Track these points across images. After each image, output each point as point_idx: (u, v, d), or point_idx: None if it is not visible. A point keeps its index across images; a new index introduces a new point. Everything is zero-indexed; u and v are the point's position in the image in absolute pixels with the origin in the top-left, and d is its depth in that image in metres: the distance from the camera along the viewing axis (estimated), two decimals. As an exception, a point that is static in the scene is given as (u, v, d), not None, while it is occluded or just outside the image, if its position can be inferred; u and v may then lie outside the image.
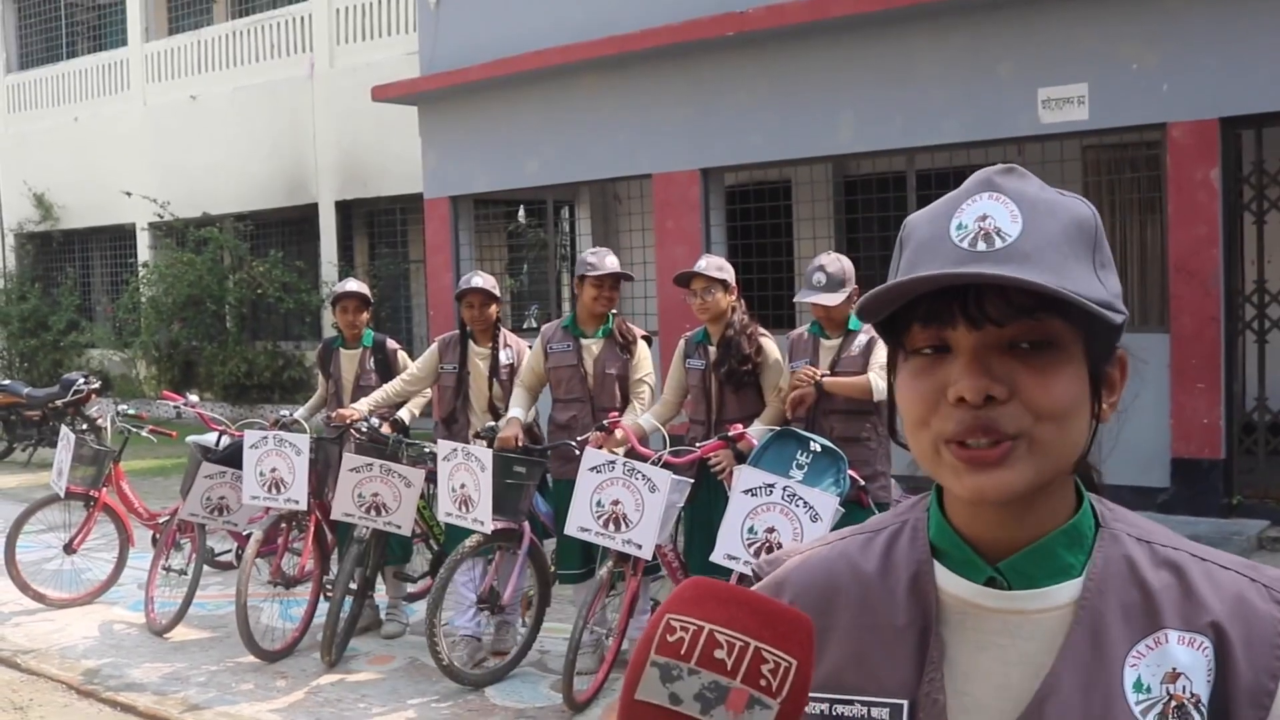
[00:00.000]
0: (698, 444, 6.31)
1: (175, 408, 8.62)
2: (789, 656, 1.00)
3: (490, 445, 6.63)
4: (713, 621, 1.01)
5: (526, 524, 6.58)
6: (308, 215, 18.72)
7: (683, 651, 1.00)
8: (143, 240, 20.87)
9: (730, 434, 6.04)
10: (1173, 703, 1.15)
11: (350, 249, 18.54)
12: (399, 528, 6.88)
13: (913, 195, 10.68)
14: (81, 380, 13.71)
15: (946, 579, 1.24)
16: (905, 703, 1.19)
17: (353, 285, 7.85)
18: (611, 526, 5.91)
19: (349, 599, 7.09)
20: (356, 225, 18.71)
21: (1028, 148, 10.52)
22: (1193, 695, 1.15)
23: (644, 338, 6.91)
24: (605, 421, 6.34)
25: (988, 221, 1.15)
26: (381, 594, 7.81)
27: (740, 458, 6.00)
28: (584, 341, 6.86)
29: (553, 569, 6.89)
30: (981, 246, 1.14)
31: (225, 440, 7.96)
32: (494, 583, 6.69)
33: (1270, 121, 9.33)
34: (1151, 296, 10.96)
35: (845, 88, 10.98)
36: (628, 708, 1.01)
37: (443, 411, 7.36)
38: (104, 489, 8.40)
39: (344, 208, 18.35)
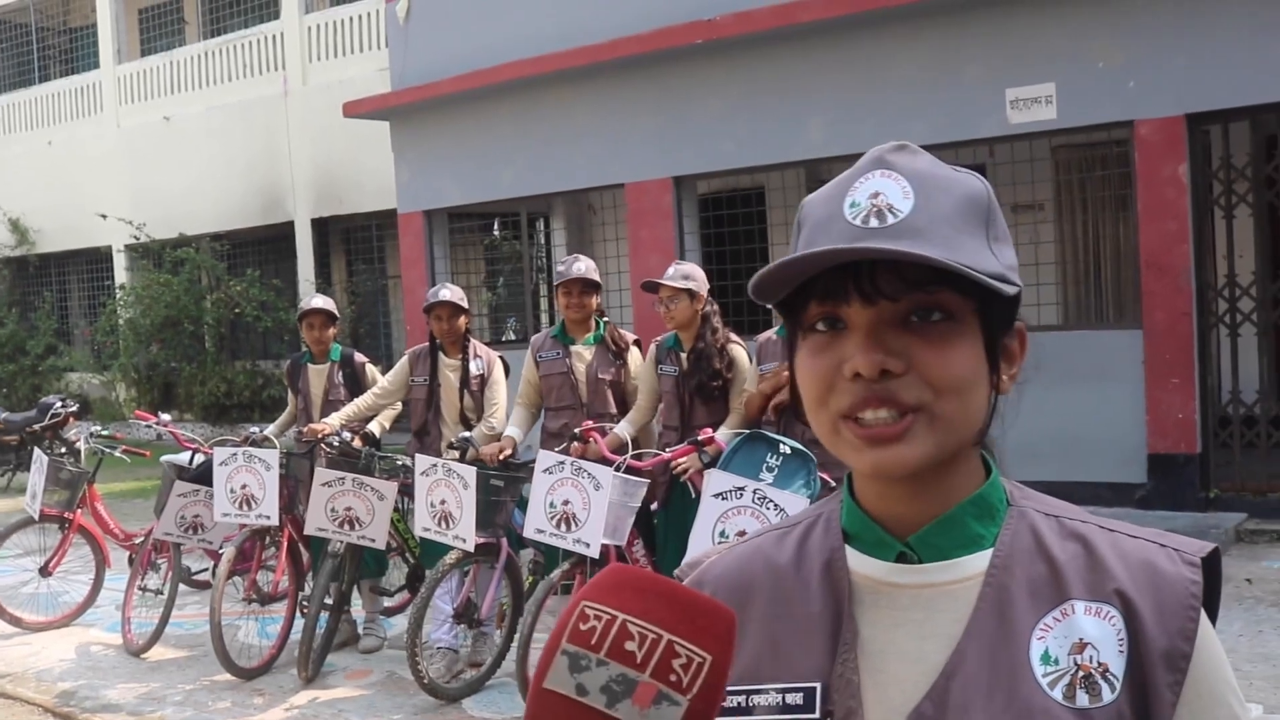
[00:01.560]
0: (669, 449, 6.31)
1: (149, 426, 8.57)
2: (703, 652, 0.98)
3: (463, 456, 6.62)
4: (627, 611, 0.99)
5: (504, 538, 6.57)
6: (284, 233, 18.69)
7: (593, 641, 0.98)
8: (119, 262, 20.82)
9: (699, 438, 6.04)
10: (1080, 673, 1.15)
11: (328, 266, 18.52)
12: (373, 541, 6.85)
13: (884, 198, 10.66)
14: (59, 404, 13.59)
15: (859, 561, 1.25)
16: (819, 685, 1.19)
17: (318, 301, 7.86)
18: (563, 526, 5.93)
19: (325, 614, 7.06)
20: (333, 242, 18.69)
21: (998, 148, 10.56)
22: (1100, 665, 1.15)
23: (636, 343, 6.92)
24: (578, 431, 6.35)
25: (880, 198, 1.16)
26: (358, 609, 7.78)
27: (710, 462, 6.00)
28: (574, 349, 6.90)
29: (531, 579, 6.88)
30: (874, 223, 1.15)
31: (199, 459, 7.93)
32: (471, 595, 6.68)
33: (1236, 116, 9.38)
34: (1124, 293, 10.99)
35: (815, 92, 11.00)
36: (536, 696, 0.99)
37: (415, 424, 7.36)
38: (79, 511, 8.36)
39: (320, 225, 18.33)
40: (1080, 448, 9.73)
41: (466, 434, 6.86)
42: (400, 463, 7.11)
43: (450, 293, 7.26)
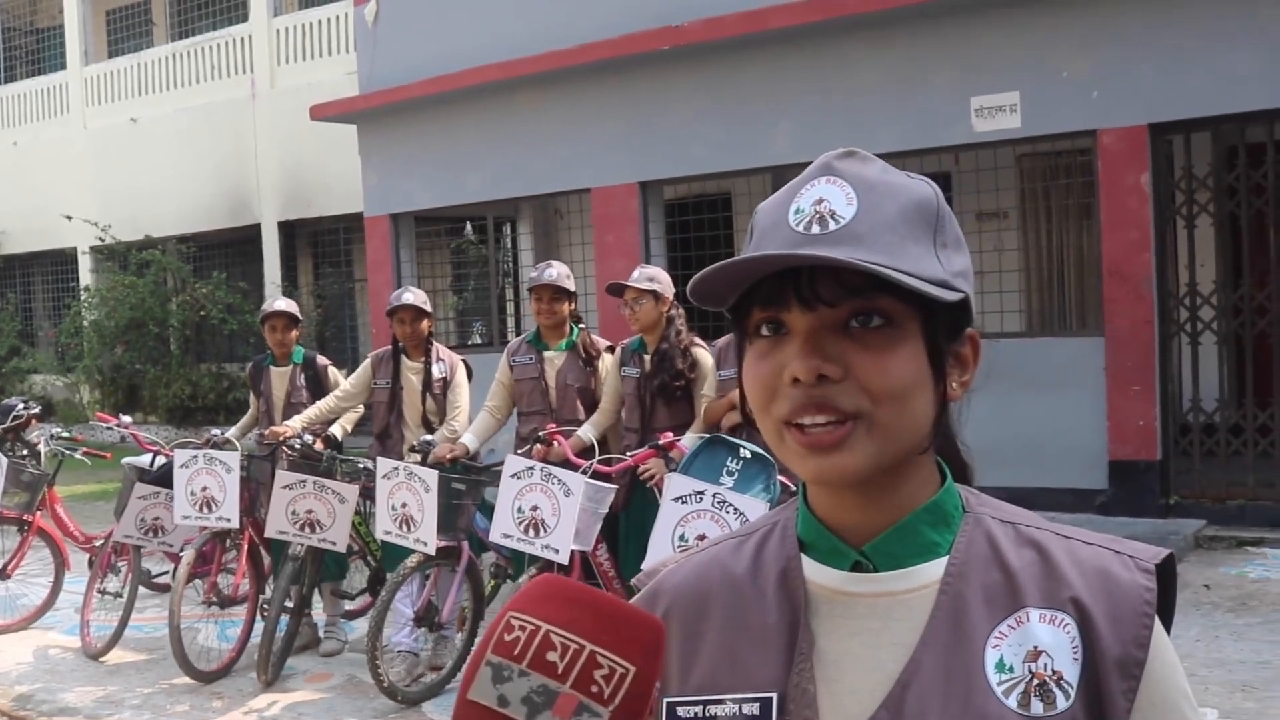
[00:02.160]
0: (630, 452, 6.31)
1: (110, 429, 8.52)
2: (626, 663, 0.98)
3: (425, 459, 6.61)
4: (551, 622, 0.99)
5: (465, 541, 6.56)
6: (251, 236, 18.63)
7: (516, 652, 0.98)
8: (85, 264, 20.71)
9: (661, 442, 6.05)
10: (1035, 681, 1.15)
11: (294, 269, 18.46)
12: (334, 544, 6.83)
13: (850, 205, 10.70)
14: (21, 405, 13.51)
15: (815, 571, 1.25)
16: (775, 696, 1.19)
17: (280, 304, 7.85)
18: (531, 532, 5.92)
19: (285, 617, 7.04)
20: (300, 245, 18.63)
21: (963, 156, 10.61)
22: (1055, 672, 1.15)
23: (609, 349, 6.92)
24: (543, 434, 6.35)
25: (823, 205, 1.17)
26: (319, 612, 7.75)
27: (671, 466, 6.00)
28: (546, 354, 6.91)
29: (493, 582, 6.87)
30: (816, 230, 1.15)
31: (160, 461, 7.89)
32: (432, 599, 6.67)
33: (1199, 127, 9.46)
34: (1087, 301, 11.05)
35: (782, 99, 11.03)
36: (460, 707, 0.99)
37: (377, 427, 7.35)
38: (38, 513, 8.31)
39: (287, 228, 18.28)
40: (1042, 454, 9.78)
41: (428, 437, 6.85)
42: (362, 466, 7.09)
43: (413, 296, 7.26)
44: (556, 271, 6.84)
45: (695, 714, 1.21)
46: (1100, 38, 9.53)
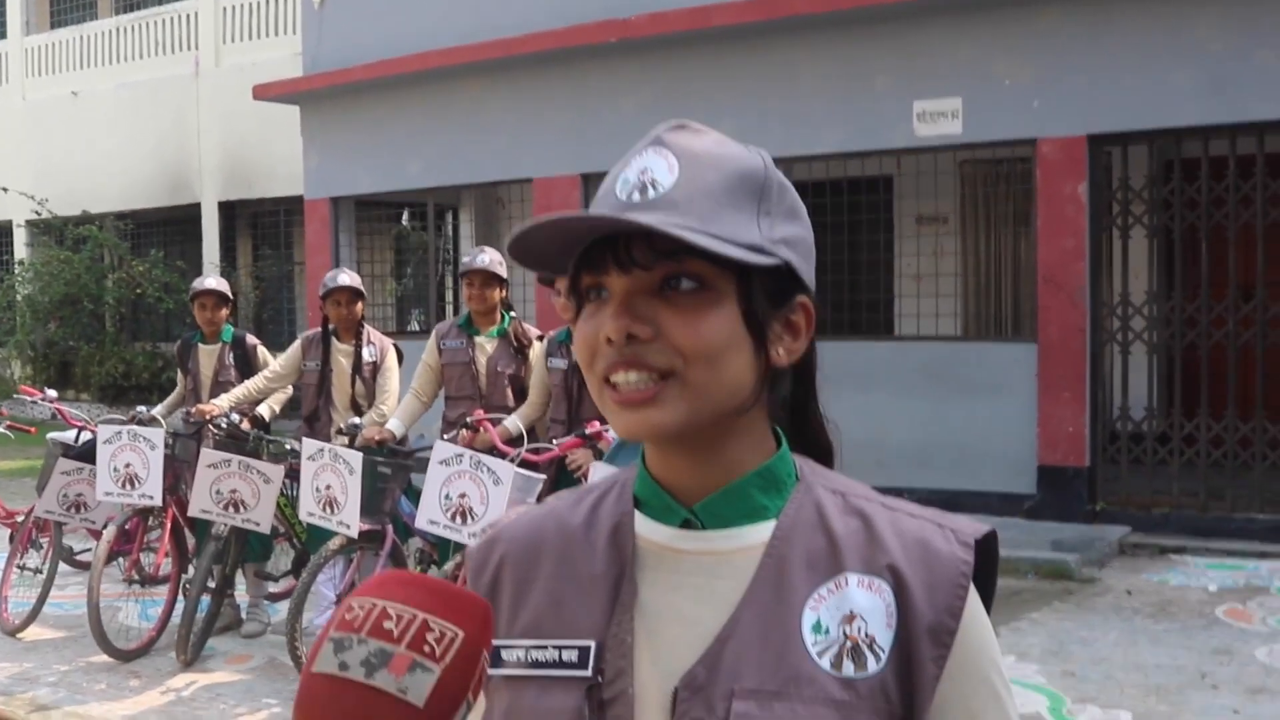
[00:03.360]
0: (556, 442, 6.30)
1: (34, 402, 8.41)
2: (456, 628, 1.04)
3: (352, 442, 6.57)
4: (388, 599, 1.05)
5: (389, 525, 6.53)
6: (190, 215, 18.45)
7: (356, 625, 1.03)
8: (19, 237, 20.44)
9: (588, 431, 6.04)
10: (848, 644, 1.18)
11: (233, 250, 18.31)
12: (258, 525, 6.78)
13: (791, 204, 10.74)
14: (-52, 378, 13.37)
15: (646, 526, 1.28)
16: (593, 644, 1.22)
17: (210, 282, 7.79)
18: (459, 520, 5.90)
19: (207, 597, 6.98)
20: (240, 226, 18.48)
21: (904, 160, 10.68)
22: (868, 636, 1.18)
23: (540, 339, 6.91)
24: (470, 420, 6.33)
25: (646, 174, 1.21)
26: (243, 593, 7.69)
27: (599, 455, 6.00)
28: (477, 340, 6.89)
29: (419, 568, 6.84)
30: (636, 198, 1.20)
31: (85, 437, 7.80)
32: (355, 581, 6.63)
33: (1136, 140, 9.57)
34: (1022, 308, 11.16)
35: (725, 97, 11.05)
36: (304, 681, 1.04)
37: (305, 409, 7.30)
38: (-42, 486, 8.19)
39: (227, 208, 18.13)
40: (972, 457, 9.87)
41: (356, 420, 6.81)
42: (288, 446, 7.03)
43: (349, 278, 7.23)
44: (489, 257, 6.84)
45: (519, 657, 1.25)
46: (1042, 47, 9.62)
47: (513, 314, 7.00)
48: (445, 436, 6.28)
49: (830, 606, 1.20)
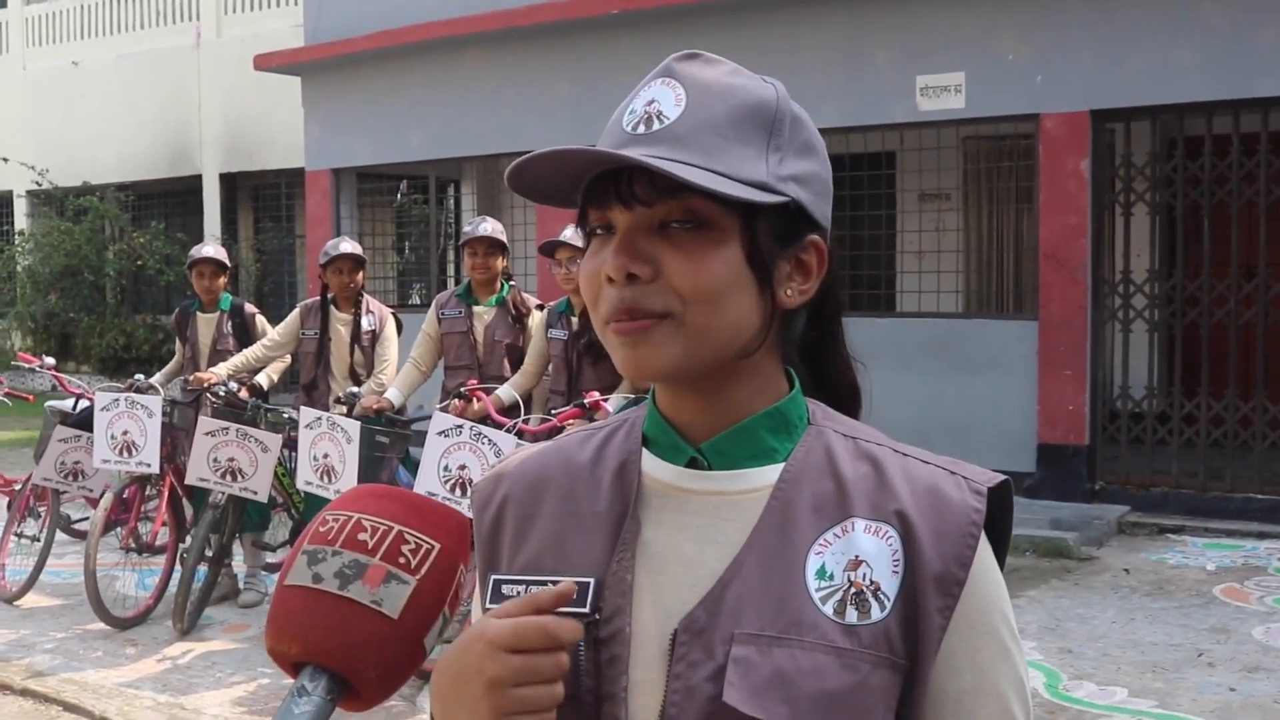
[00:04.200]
0: (555, 413, 6.28)
1: (33, 369, 8.40)
2: (432, 540, 1.04)
3: (350, 411, 6.56)
4: (364, 512, 1.05)
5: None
6: (191, 187, 18.39)
7: (330, 538, 1.03)
8: (20, 208, 20.37)
9: (586, 401, 6.02)
10: (852, 590, 1.15)
11: (234, 222, 18.26)
12: (255, 494, 6.77)
13: (793, 179, 10.71)
14: (-52, 348, 13.36)
15: (652, 465, 1.25)
16: (592, 581, 1.19)
17: (208, 250, 7.78)
18: (458, 491, 5.87)
19: (203, 566, 6.97)
20: (241, 198, 18.43)
21: (907, 135, 10.63)
22: (873, 583, 1.16)
23: (539, 308, 6.90)
24: (463, 389, 6.30)
25: (653, 106, 1.18)
26: (240, 563, 7.69)
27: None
28: (476, 309, 6.88)
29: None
30: (641, 130, 1.17)
31: (83, 404, 7.79)
32: (352, 551, 6.61)
33: (1139, 116, 9.52)
34: (1024, 285, 11.13)
35: (729, 69, 10.97)
36: (277, 594, 1.04)
37: (304, 378, 7.30)
38: (-44, 453, 8.18)
39: (229, 180, 18.06)
40: (972, 434, 9.85)
41: (355, 389, 6.80)
42: (286, 415, 7.03)
43: (351, 245, 7.23)
44: (491, 226, 6.84)
45: (518, 593, 1.21)
46: (1046, 22, 9.57)
47: (512, 283, 6.98)
48: (440, 406, 6.25)
49: (836, 551, 1.17)
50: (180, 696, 5.96)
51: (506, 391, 6.43)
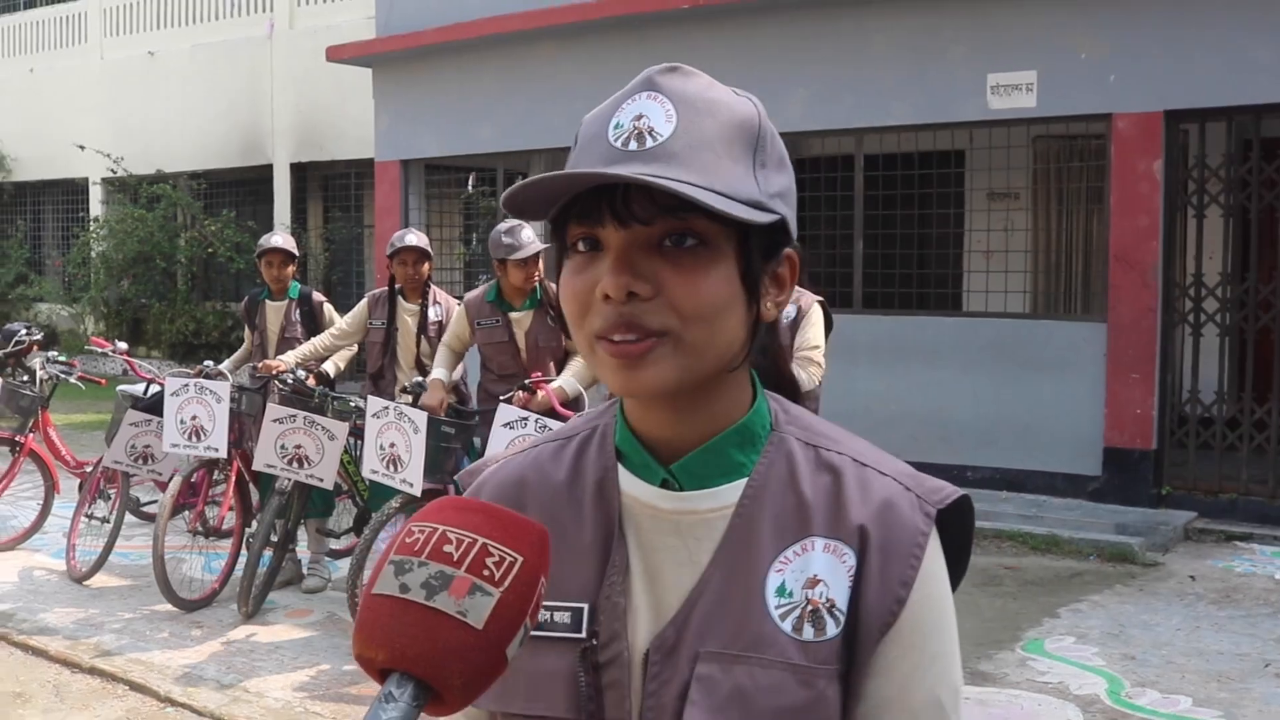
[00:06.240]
0: (503, 398, 6.22)
1: (105, 353, 8.53)
2: (515, 553, 1.05)
3: (416, 400, 6.59)
4: (447, 524, 1.06)
5: (452, 485, 6.55)
6: (263, 176, 18.58)
7: (416, 549, 1.04)
8: (95, 195, 20.67)
9: (528, 383, 6.00)
10: (809, 607, 1.18)
11: (304, 212, 18.42)
12: (321, 481, 6.83)
13: (860, 177, 10.69)
14: (24, 331, 13.55)
15: (629, 482, 1.26)
16: (585, 606, 1.22)
17: (276, 239, 7.85)
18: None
19: (268, 552, 7.06)
20: (311, 188, 18.58)
21: (976, 133, 10.55)
22: (828, 600, 1.18)
23: None
24: (528, 381, 6.30)
25: (642, 121, 1.16)
26: (304, 549, 7.78)
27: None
28: (513, 315, 6.72)
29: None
30: (633, 146, 1.15)
31: (154, 389, 7.89)
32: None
33: (1214, 117, 9.40)
34: (1092, 286, 11.02)
35: (798, 66, 10.96)
36: (365, 602, 1.05)
37: (371, 367, 7.36)
38: (30, 435, 8.32)
39: (299, 170, 18.23)
40: (1037, 437, 9.77)
41: (421, 379, 6.84)
42: (353, 404, 7.08)
43: (416, 238, 7.26)
44: (531, 232, 6.58)
45: None
46: (1119, 21, 9.46)
47: (541, 279, 6.81)
48: (504, 398, 6.23)
49: (795, 569, 1.19)
50: (243, 679, 6.03)
51: (569, 383, 6.39)
